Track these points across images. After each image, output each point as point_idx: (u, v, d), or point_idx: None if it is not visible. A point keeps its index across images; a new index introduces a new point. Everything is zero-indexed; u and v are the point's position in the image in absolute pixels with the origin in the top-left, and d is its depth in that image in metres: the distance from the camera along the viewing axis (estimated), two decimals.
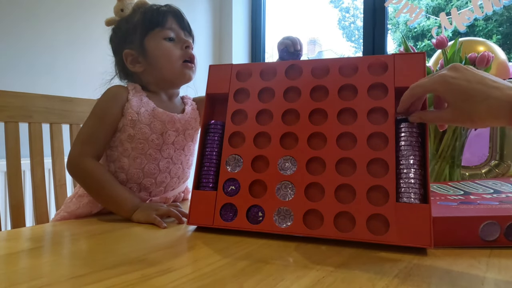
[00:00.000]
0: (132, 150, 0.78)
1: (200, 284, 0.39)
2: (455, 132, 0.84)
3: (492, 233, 0.52)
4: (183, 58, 0.81)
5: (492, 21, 2.51)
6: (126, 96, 0.79)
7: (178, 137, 0.82)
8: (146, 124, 0.78)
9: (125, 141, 0.78)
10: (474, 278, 0.41)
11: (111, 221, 0.68)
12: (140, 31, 0.80)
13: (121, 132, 0.78)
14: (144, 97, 0.80)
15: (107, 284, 0.38)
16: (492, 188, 0.69)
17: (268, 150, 0.60)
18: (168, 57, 0.80)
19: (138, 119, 0.77)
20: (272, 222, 0.56)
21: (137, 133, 0.77)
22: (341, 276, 0.41)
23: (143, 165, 0.78)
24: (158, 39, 0.80)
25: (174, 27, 0.82)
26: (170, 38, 0.81)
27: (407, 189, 0.52)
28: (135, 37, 0.81)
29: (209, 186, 0.62)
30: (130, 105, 0.77)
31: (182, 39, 0.82)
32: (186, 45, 0.82)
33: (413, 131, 0.55)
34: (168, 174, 0.81)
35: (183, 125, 0.82)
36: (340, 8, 3.36)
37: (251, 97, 0.64)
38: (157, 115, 0.79)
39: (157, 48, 0.80)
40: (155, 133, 0.78)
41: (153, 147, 0.78)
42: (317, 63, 0.63)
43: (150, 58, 0.81)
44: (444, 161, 0.84)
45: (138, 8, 0.83)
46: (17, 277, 0.41)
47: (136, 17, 0.81)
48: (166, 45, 0.80)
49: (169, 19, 0.81)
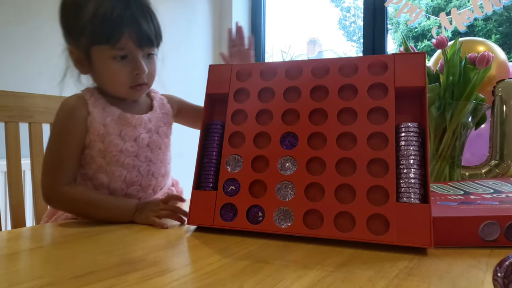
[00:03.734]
0: (107, 165, 0.72)
1: (200, 284, 0.39)
2: (455, 132, 0.84)
3: (492, 233, 0.52)
4: (131, 84, 0.72)
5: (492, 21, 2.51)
6: (86, 109, 0.71)
7: (152, 137, 0.76)
8: (116, 135, 0.71)
9: (97, 157, 0.72)
10: (474, 278, 0.41)
11: (104, 217, 0.68)
12: (86, 38, 0.69)
13: (90, 148, 0.71)
14: (106, 105, 0.73)
15: (107, 284, 0.38)
16: (492, 188, 0.69)
17: (268, 150, 0.60)
18: (113, 81, 0.72)
19: (106, 132, 0.71)
20: (272, 222, 0.56)
21: (108, 146, 0.71)
22: (341, 276, 0.41)
23: (123, 176, 0.73)
24: (105, 57, 0.69)
25: (129, 46, 0.69)
26: (122, 56, 0.69)
27: (407, 189, 0.52)
28: (81, 38, 0.69)
29: (209, 186, 0.62)
30: (93, 119, 0.70)
31: (136, 62, 0.70)
32: (137, 72, 0.71)
33: (413, 131, 0.55)
34: (152, 177, 0.78)
35: (154, 124, 0.77)
36: (341, 7, 3.36)
37: (251, 97, 0.64)
38: (125, 121, 0.73)
39: (102, 65, 0.70)
40: (127, 141, 0.73)
41: (129, 155, 0.73)
42: (317, 63, 0.63)
43: (95, 70, 0.72)
44: (444, 161, 0.84)
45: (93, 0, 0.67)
46: (17, 277, 0.41)
47: (86, 15, 0.68)
48: (112, 67, 0.69)
49: (123, 38, 0.68)
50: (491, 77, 0.99)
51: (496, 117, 0.94)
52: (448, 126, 0.83)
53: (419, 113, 0.58)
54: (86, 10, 0.67)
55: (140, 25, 0.68)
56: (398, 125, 0.56)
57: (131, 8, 0.68)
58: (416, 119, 0.57)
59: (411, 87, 0.57)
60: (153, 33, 0.71)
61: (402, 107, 0.58)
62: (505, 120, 0.93)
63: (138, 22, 0.68)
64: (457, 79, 0.84)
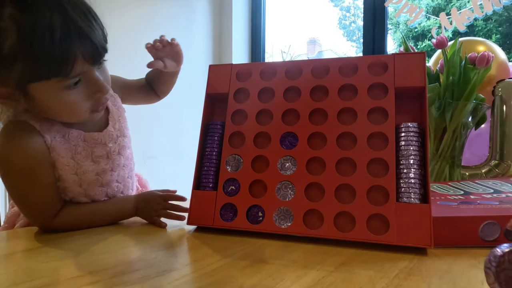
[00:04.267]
0: (85, 190, 0.65)
1: (200, 284, 0.39)
2: (455, 132, 0.84)
3: (492, 233, 0.52)
4: (93, 108, 0.59)
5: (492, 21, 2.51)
6: (44, 144, 0.58)
7: (118, 141, 0.69)
8: (88, 161, 0.63)
9: (72, 187, 0.63)
10: (474, 278, 0.41)
11: (107, 224, 0.68)
12: (18, 75, 0.51)
13: (62, 181, 0.62)
14: (63, 128, 0.60)
15: (107, 284, 0.38)
16: (492, 188, 0.69)
17: (268, 150, 0.60)
18: (70, 112, 0.58)
19: (77, 163, 0.62)
20: (272, 222, 0.56)
21: (83, 175, 0.63)
22: (341, 276, 0.41)
23: (104, 193, 0.68)
24: (54, 90, 0.53)
25: (84, 68, 0.54)
26: (76, 82, 0.55)
27: (407, 189, 0.53)
28: (6, 72, 0.51)
29: (209, 186, 0.62)
30: (57, 154, 0.59)
31: (94, 82, 0.56)
32: (99, 95, 0.57)
33: (413, 131, 0.55)
34: (129, 179, 0.74)
35: (117, 129, 0.69)
36: (341, 7, 3.37)
37: (251, 97, 0.64)
38: (93, 142, 0.64)
39: (51, 99, 0.55)
40: (101, 161, 0.65)
41: (106, 173, 0.67)
42: (317, 63, 0.63)
43: (38, 104, 0.56)
44: (444, 161, 0.84)
45: (12, 20, 0.48)
46: (17, 277, 0.41)
47: (11, 45, 0.48)
48: (67, 99, 0.55)
49: (77, 63, 0.52)
50: (491, 77, 0.99)
51: (496, 117, 0.94)
52: (448, 126, 0.83)
53: (419, 113, 0.58)
54: (8, 36, 0.48)
55: (90, 37, 0.52)
56: (398, 125, 0.56)
57: (73, 18, 0.51)
58: (416, 119, 0.57)
59: (411, 87, 0.57)
60: (103, 38, 0.55)
61: (402, 107, 0.58)
62: (505, 120, 0.93)
63: (87, 35, 0.52)
64: (457, 79, 0.84)
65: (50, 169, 0.60)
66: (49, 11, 0.49)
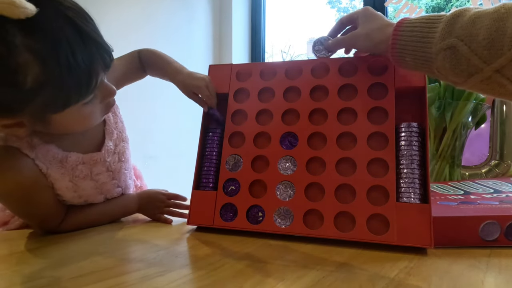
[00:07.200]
0: (86, 201, 0.65)
1: (200, 284, 0.39)
2: (455, 132, 0.84)
3: (492, 233, 0.52)
4: (104, 112, 0.58)
5: None
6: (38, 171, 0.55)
7: (118, 150, 0.67)
8: (88, 181, 0.62)
9: (72, 200, 0.63)
10: (474, 278, 0.41)
11: (110, 222, 0.68)
12: (42, 105, 0.46)
13: (61, 196, 0.61)
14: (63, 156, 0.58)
15: (107, 284, 0.38)
16: (492, 188, 0.69)
17: (268, 150, 0.60)
18: (88, 121, 0.56)
19: (75, 184, 0.60)
20: (272, 222, 0.56)
21: (83, 192, 0.62)
22: (341, 276, 0.41)
23: (104, 197, 0.68)
24: (76, 109, 0.51)
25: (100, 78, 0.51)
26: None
27: (407, 189, 0.52)
28: (23, 106, 0.46)
29: (209, 186, 0.62)
30: (54, 178, 0.57)
31: (105, 87, 0.54)
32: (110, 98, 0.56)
33: (413, 130, 0.55)
34: (130, 180, 0.74)
35: (116, 135, 0.67)
36: (338, 8, 3.37)
37: (251, 97, 0.64)
38: (91, 162, 0.62)
39: (72, 117, 0.52)
40: (101, 175, 0.64)
41: (106, 183, 0.66)
42: (317, 63, 0.63)
43: (54, 127, 0.53)
44: (444, 161, 0.84)
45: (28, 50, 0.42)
46: (17, 277, 0.41)
47: (31, 75, 0.43)
48: (87, 111, 0.53)
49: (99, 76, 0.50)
50: None
51: (496, 117, 0.94)
52: (448, 126, 0.83)
53: (419, 113, 0.58)
54: (29, 69, 0.43)
55: (101, 43, 0.50)
56: (398, 125, 0.56)
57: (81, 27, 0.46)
58: (416, 119, 0.57)
59: (411, 87, 0.57)
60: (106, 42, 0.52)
61: (402, 107, 0.57)
62: (505, 120, 0.93)
63: (99, 42, 0.49)
64: None
65: (48, 190, 0.58)
66: (60, 29, 0.44)
